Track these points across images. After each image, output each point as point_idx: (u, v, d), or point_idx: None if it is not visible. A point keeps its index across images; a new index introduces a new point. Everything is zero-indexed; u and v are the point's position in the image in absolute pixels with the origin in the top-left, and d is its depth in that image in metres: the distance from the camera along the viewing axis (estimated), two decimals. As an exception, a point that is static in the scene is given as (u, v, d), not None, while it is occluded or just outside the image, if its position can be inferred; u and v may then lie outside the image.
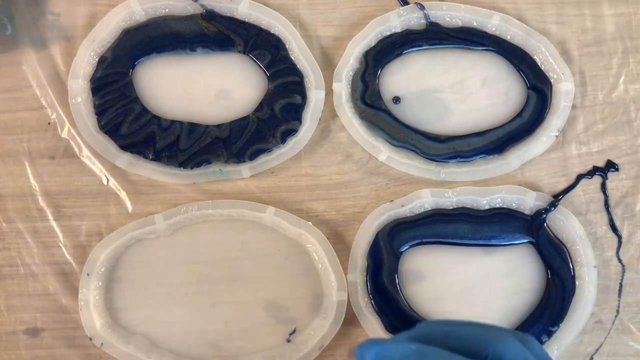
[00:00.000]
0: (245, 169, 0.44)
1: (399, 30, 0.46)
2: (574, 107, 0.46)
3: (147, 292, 0.43)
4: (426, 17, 0.45)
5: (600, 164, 0.46)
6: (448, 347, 0.27)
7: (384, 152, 0.44)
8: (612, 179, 0.45)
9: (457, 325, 0.29)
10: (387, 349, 0.27)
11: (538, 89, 0.45)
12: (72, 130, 0.44)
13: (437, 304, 0.43)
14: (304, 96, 0.44)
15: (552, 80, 0.45)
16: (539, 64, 0.46)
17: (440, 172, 0.44)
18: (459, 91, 0.46)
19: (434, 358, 0.26)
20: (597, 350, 0.44)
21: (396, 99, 0.45)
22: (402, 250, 0.43)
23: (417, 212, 0.44)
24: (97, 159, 0.44)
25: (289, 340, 0.43)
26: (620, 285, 0.45)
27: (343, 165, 0.45)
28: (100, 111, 0.44)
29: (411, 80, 0.46)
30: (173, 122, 0.44)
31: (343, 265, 0.43)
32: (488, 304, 0.43)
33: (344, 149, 0.45)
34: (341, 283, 0.42)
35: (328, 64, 0.46)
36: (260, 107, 0.44)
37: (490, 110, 0.46)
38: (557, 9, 0.47)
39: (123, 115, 0.44)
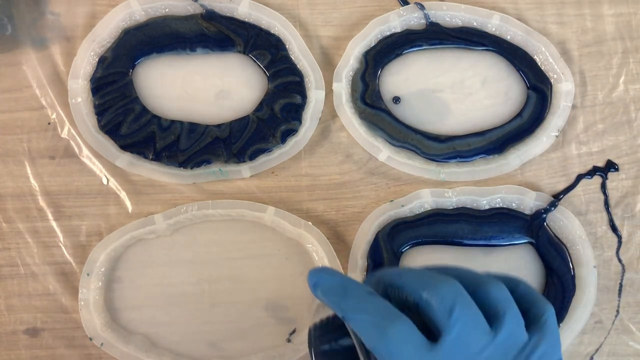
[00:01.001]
0: (245, 169, 0.44)
1: (399, 30, 0.46)
2: (574, 107, 0.46)
3: (147, 292, 0.43)
4: (426, 17, 0.45)
5: (600, 164, 0.46)
6: (390, 291, 0.30)
7: (384, 152, 0.44)
8: (612, 179, 0.45)
9: (408, 270, 0.31)
10: (321, 278, 0.30)
11: (538, 89, 0.45)
12: (72, 130, 0.44)
13: (437, 304, 0.43)
14: (304, 96, 0.44)
15: (552, 80, 0.45)
16: (539, 64, 0.46)
17: (440, 172, 0.44)
18: (459, 91, 0.46)
19: (353, 292, 0.29)
20: (597, 350, 0.44)
21: (396, 99, 0.45)
22: (402, 250, 0.43)
23: (417, 212, 0.44)
24: (97, 159, 0.44)
25: (289, 340, 0.43)
26: (620, 285, 0.45)
27: (343, 165, 0.45)
28: (100, 111, 0.44)
29: (411, 80, 0.46)
30: (173, 122, 0.44)
31: (343, 265, 0.43)
32: (488, 304, 0.43)
33: (344, 149, 0.45)
34: (341, 283, 0.42)
35: (328, 64, 0.46)
36: (260, 107, 0.44)
37: (490, 110, 0.46)
38: (557, 9, 0.47)
39: (123, 115, 0.44)
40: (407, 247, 0.43)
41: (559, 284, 0.43)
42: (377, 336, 0.27)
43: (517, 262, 0.44)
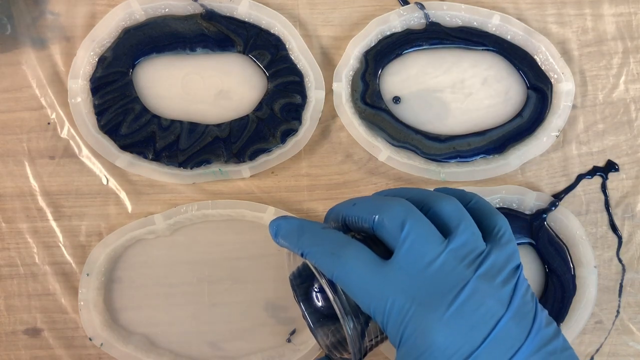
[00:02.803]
0: (245, 169, 0.44)
1: (399, 30, 0.46)
2: (574, 107, 0.45)
3: (147, 292, 0.43)
4: (426, 17, 0.45)
5: (601, 164, 0.46)
6: (348, 222, 0.31)
7: (384, 152, 0.44)
8: (613, 179, 0.45)
9: (360, 199, 0.32)
10: (280, 225, 0.31)
11: (538, 89, 0.45)
12: (72, 130, 0.44)
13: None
14: (304, 96, 0.44)
15: (552, 80, 0.45)
16: (539, 63, 0.46)
17: (440, 172, 0.44)
18: (459, 91, 0.45)
19: (309, 230, 0.30)
20: (598, 350, 0.44)
21: (396, 99, 0.45)
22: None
23: (417, 212, 0.44)
24: (97, 159, 0.44)
25: (289, 340, 0.43)
26: (621, 285, 0.45)
27: (343, 165, 0.45)
28: (100, 111, 0.43)
29: (411, 80, 0.46)
30: (173, 121, 0.44)
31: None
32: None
33: (344, 149, 0.45)
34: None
35: (328, 64, 0.46)
36: (259, 106, 0.44)
37: (490, 110, 0.46)
38: (557, 9, 0.46)
39: (123, 115, 0.44)
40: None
41: (559, 284, 0.43)
42: (332, 263, 0.28)
43: (517, 262, 0.44)
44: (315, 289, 0.34)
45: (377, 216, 0.29)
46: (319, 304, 0.34)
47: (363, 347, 0.30)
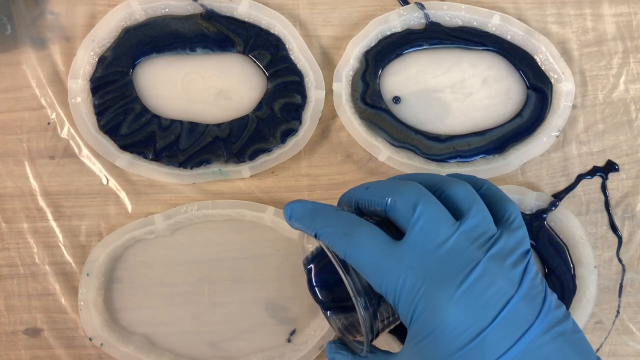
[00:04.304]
0: (245, 169, 0.44)
1: (399, 30, 0.46)
2: (574, 107, 0.45)
3: (146, 292, 0.43)
4: (426, 16, 0.45)
5: (601, 164, 0.46)
6: (361, 206, 0.32)
7: (384, 152, 0.44)
8: (613, 179, 0.45)
9: (374, 183, 0.32)
10: (294, 208, 0.32)
11: (538, 89, 0.45)
12: (72, 130, 0.44)
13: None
14: (303, 96, 0.44)
15: (552, 80, 0.45)
16: (539, 63, 0.46)
17: (440, 172, 0.44)
18: (459, 91, 0.46)
19: (323, 212, 0.31)
20: (598, 350, 0.44)
21: (396, 99, 0.45)
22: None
23: (417, 212, 0.44)
24: (97, 159, 0.44)
25: (289, 340, 0.43)
26: (621, 285, 0.45)
27: (343, 165, 0.45)
28: (100, 111, 0.43)
29: (411, 80, 0.46)
30: (173, 121, 0.44)
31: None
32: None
33: (344, 149, 0.45)
34: (341, 283, 0.42)
35: (328, 63, 0.46)
36: (259, 106, 0.44)
37: (490, 110, 0.46)
38: (557, 9, 0.46)
39: (123, 115, 0.44)
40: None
41: (559, 284, 0.43)
42: (344, 243, 0.29)
43: (517, 262, 0.44)
44: (328, 270, 0.34)
45: (389, 199, 0.30)
46: (332, 287, 0.34)
47: (375, 327, 0.31)
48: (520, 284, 0.27)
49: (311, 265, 0.35)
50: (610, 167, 0.45)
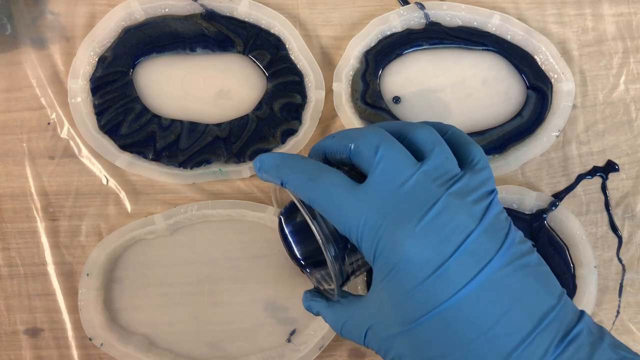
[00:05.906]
0: (245, 169, 0.44)
1: (400, 30, 0.46)
2: (574, 107, 0.45)
3: (147, 292, 0.43)
4: (426, 16, 0.45)
5: (601, 164, 0.46)
6: (328, 155, 0.33)
7: (384, 152, 0.44)
8: (613, 179, 0.45)
9: (339, 132, 0.33)
10: (263, 160, 0.32)
11: (538, 89, 0.45)
12: (72, 130, 0.44)
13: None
14: (303, 96, 0.44)
15: (552, 80, 0.45)
16: (539, 63, 0.46)
17: (440, 172, 0.44)
18: (459, 91, 0.45)
19: (290, 161, 0.31)
20: (597, 350, 0.44)
21: (396, 99, 0.45)
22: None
23: (417, 212, 0.44)
24: (97, 159, 0.44)
25: (289, 340, 0.43)
26: (621, 285, 0.45)
27: (343, 165, 0.45)
28: (100, 111, 0.43)
29: (411, 80, 0.46)
30: (173, 121, 0.44)
31: (343, 266, 0.43)
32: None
33: (344, 149, 0.45)
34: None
35: (328, 64, 0.46)
36: (259, 106, 0.44)
37: (490, 110, 0.46)
38: (557, 9, 0.46)
39: (123, 115, 0.44)
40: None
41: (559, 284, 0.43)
42: (310, 188, 0.30)
43: (517, 262, 0.44)
44: (299, 222, 0.35)
45: (352, 144, 0.30)
46: (304, 239, 0.35)
47: (344, 270, 0.32)
48: (482, 219, 0.28)
49: (288, 219, 0.36)
50: (611, 167, 0.45)
